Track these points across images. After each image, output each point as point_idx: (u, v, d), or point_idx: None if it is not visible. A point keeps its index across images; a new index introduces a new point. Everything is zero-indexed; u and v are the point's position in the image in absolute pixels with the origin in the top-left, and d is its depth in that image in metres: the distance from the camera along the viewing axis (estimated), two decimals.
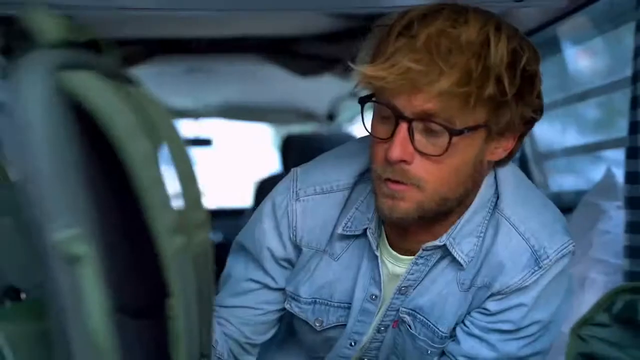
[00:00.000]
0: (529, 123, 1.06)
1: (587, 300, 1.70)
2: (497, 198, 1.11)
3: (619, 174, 2.05)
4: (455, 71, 0.94)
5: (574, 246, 1.12)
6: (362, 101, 1.03)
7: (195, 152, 4.61)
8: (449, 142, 0.98)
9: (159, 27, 2.64)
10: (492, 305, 1.12)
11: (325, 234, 1.14)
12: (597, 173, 2.48)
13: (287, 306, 1.19)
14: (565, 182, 2.64)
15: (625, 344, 0.98)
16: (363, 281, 1.15)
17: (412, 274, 1.13)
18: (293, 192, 1.14)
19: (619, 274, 1.63)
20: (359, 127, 4.31)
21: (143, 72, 3.01)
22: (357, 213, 1.13)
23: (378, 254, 1.12)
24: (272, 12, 1.99)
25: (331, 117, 4.24)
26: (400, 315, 1.16)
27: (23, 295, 0.68)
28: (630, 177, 1.52)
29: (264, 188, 3.08)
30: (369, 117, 1.06)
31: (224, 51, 2.96)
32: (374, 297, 1.15)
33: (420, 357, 1.18)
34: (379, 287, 1.15)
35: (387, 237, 1.14)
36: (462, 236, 1.10)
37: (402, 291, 1.15)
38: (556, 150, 2.53)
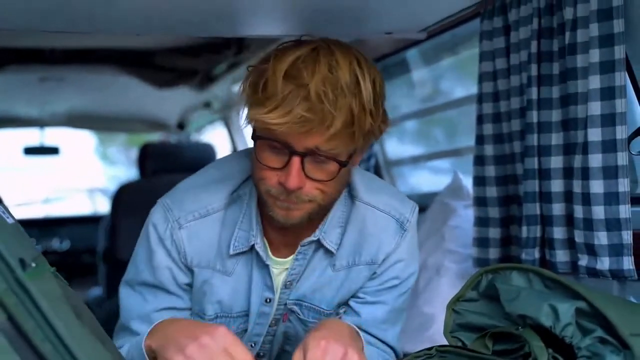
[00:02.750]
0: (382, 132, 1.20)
1: (443, 283, 1.97)
2: (349, 192, 1.27)
3: (438, 182, 2.32)
4: (342, 114, 1.05)
5: (416, 204, 1.33)
6: (258, 139, 1.12)
7: (41, 161, 4.41)
8: (339, 171, 1.12)
9: (14, 37, 2.57)
10: (378, 270, 1.31)
11: (211, 252, 1.24)
12: (418, 180, 2.78)
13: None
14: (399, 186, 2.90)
15: (491, 314, 1.18)
16: (257, 289, 1.27)
17: (295, 268, 1.27)
18: (173, 221, 1.22)
19: (469, 262, 1.88)
20: (209, 136, 4.36)
21: None
22: (241, 232, 1.23)
23: (269, 262, 1.25)
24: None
25: (181, 126, 4.26)
26: (289, 307, 1.32)
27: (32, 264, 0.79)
28: (477, 180, 1.78)
29: (123, 195, 3.02)
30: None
31: (79, 62, 2.93)
32: (268, 300, 1.28)
33: None
34: (272, 291, 1.28)
35: (268, 245, 1.26)
36: (330, 229, 1.26)
37: (287, 285, 1.29)
38: (404, 158, 2.77)
